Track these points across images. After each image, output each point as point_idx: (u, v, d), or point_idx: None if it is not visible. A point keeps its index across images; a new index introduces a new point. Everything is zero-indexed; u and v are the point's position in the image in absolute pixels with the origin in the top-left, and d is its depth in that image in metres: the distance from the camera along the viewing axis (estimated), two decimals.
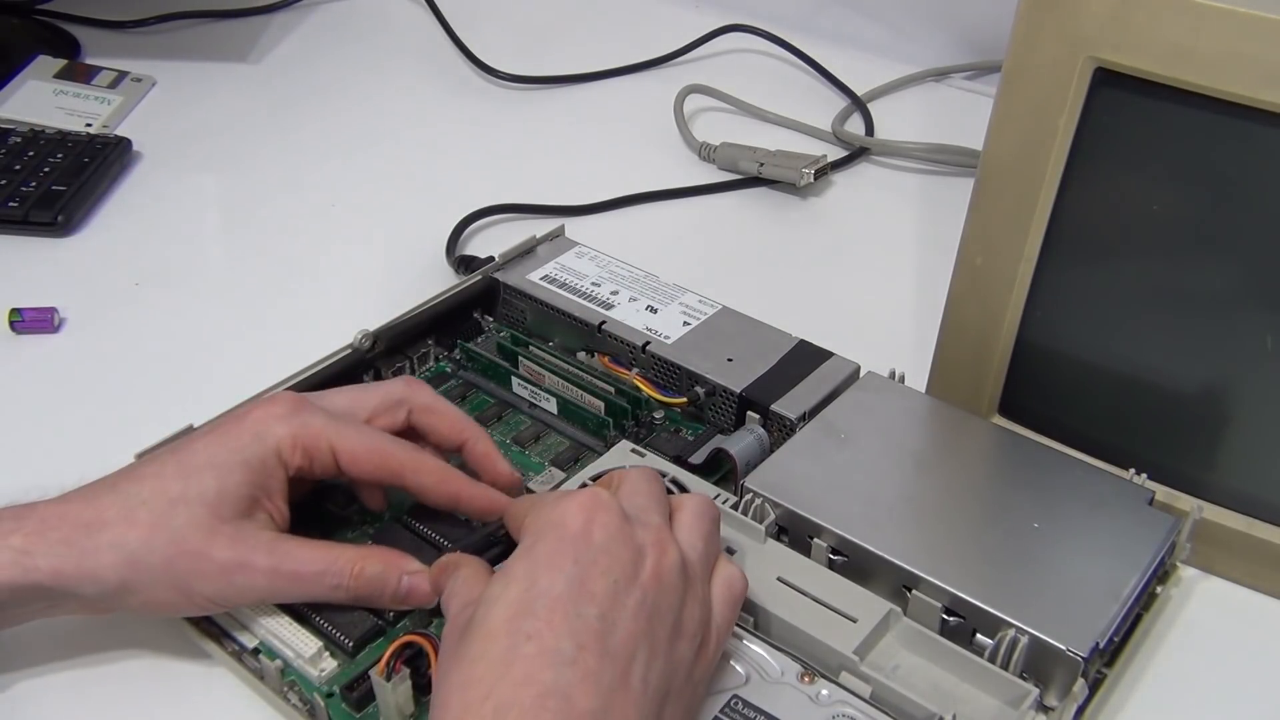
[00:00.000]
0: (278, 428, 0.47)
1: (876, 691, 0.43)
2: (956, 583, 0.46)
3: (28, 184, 0.78)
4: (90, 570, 0.45)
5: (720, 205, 0.82)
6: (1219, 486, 0.52)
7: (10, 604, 0.45)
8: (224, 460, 0.46)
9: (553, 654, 0.38)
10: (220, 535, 0.45)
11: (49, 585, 0.45)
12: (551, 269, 0.67)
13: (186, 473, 0.46)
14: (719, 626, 0.43)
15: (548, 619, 0.38)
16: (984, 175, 0.52)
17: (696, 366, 0.59)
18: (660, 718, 0.39)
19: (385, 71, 0.99)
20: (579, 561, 0.40)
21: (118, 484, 0.47)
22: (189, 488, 0.46)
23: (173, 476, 0.46)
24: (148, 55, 0.99)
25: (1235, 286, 0.49)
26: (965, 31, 0.98)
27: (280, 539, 0.47)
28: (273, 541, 0.47)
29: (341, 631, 0.48)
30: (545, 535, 0.41)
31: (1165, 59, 0.46)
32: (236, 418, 0.48)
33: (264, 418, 0.48)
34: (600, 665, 0.38)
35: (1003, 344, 0.55)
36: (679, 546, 0.42)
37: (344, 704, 0.46)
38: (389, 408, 0.52)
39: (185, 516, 0.45)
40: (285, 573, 0.46)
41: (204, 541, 0.45)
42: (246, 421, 0.48)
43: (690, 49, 1.00)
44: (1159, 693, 0.49)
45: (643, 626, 0.39)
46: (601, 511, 0.41)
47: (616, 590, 0.39)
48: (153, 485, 0.46)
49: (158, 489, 0.46)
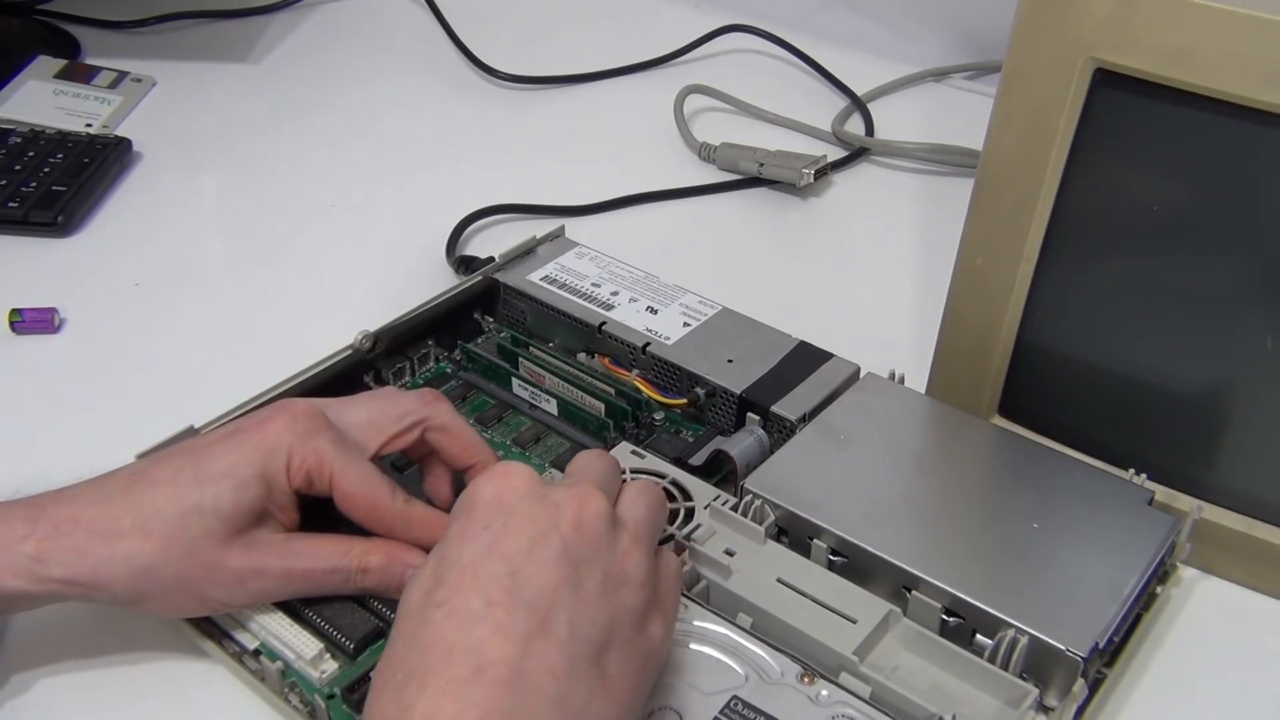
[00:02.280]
0: (291, 444, 0.47)
1: (876, 692, 0.43)
2: (956, 583, 0.46)
3: (28, 184, 0.78)
4: (105, 581, 0.45)
5: (720, 205, 0.82)
6: (1219, 486, 0.52)
7: (20, 605, 0.46)
8: (240, 472, 0.46)
9: (462, 615, 0.37)
10: (234, 546, 0.46)
11: (62, 592, 0.45)
12: (551, 269, 0.67)
13: (201, 481, 0.46)
14: (666, 594, 0.42)
15: (456, 585, 0.38)
16: (984, 175, 0.52)
17: (696, 367, 0.59)
18: (600, 665, 0.38)
19: (385, 71, 0.99)
20: (489, 526, 0.40)
21: (130, 489, 0.46)
22: (204, 498, 0.45)
23: (187, 484, 0.46)
24: (148, 55, 0.99)
25: (1235, 287, 0.49)
26: (965, 31, 0.98)
27: (290, 539, 0.48)
28: (284, 543, 0.47)
29: (342, 633, 0.48)
30: (459, 513, 0.41)
31: (1165, 59, 0.46)
32: (256, 424, 0.48)
33: (281, 432, 0.47)
34: (512, 616, 0.37)
35: (1003, 344, 0.55)
36: (605, 499, 0.41)
37: (345, 706, 0.46)
38: (407, 428, 0.51)
39: (200, 528, 0.45)
40: (298, 572, 0.47)
41: (218, 552, 0.46)
42: (266, 432, 0.47)
43: (690, 49, 1.00)
44: (1159, 693, 0.49)
45: (565, 574, 0.39)
46: (512, 478, 0.41)
47: (532, 545, 0.39)
48: (167, 493, 0.46)
49: (172, 497, 0.45)
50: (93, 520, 0.45)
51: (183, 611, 0.48)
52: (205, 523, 0.45)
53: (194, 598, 0.46)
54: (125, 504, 0.46)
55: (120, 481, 0.47)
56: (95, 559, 0.45)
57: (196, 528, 0.45)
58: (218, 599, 0.46)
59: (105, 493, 0.46)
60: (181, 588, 0.46)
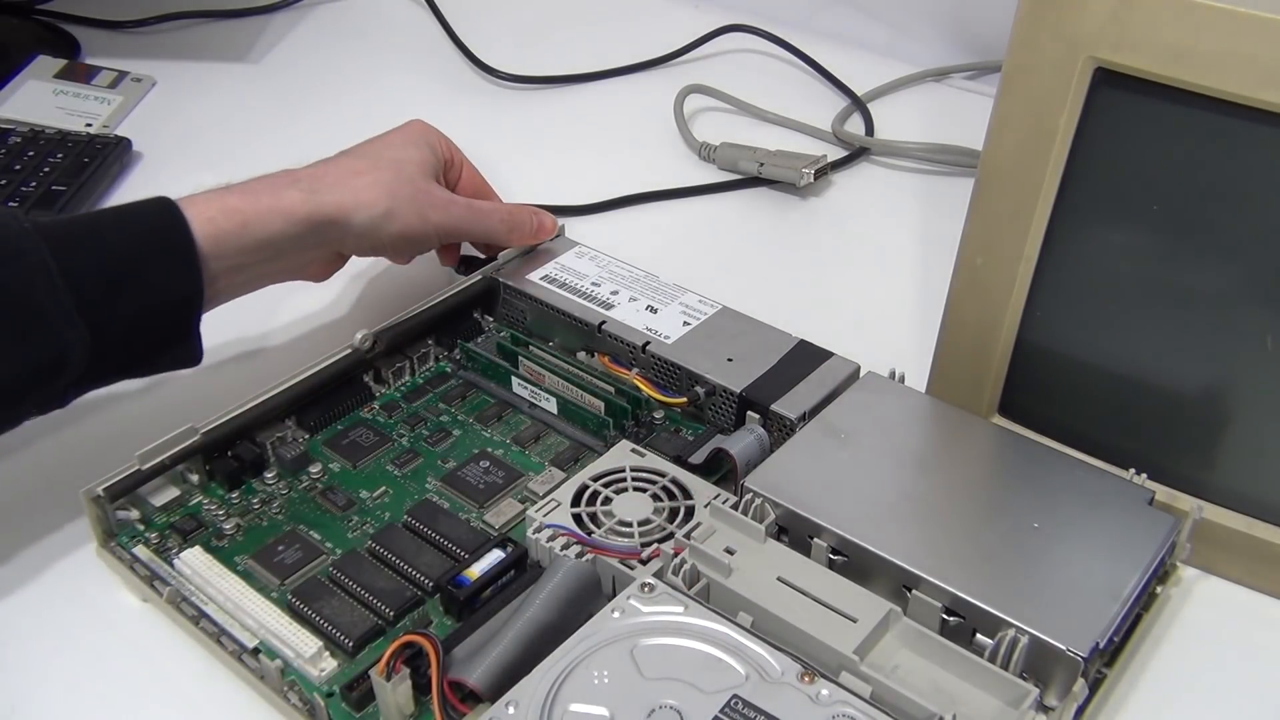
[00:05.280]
0: (430, 132, 0.65)
1: (876, 691, 0.43)
2: (956, 582, 0.46)
3: (28, 184, 0.78)
4: (365, 200, 0.58)
5: (720, 205, 0.82)
6: (1219, 486, 0.52)
7: (295, 241, 0.56)
8: (415, 142, 0.63)
9: None
10: (434, 183, 0.63)
11: (331, 216, 0.57)
12: (551, 269, 0.67)
13: (393, 148, 0.62)
14: None
15: None
16: (984, 175, 0.52)
17: (696, 366, 0.59)
18: None
19: (385, 71, 0.99)
20: None
21: (344, 157, 0.61)
22: (401, 154, 0.62)
23: (385, 149, 0.62)
24: (148, 55, 0.99)
25: (1235, 286, 0.49)
26: (965, 31, 0.98)
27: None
28: (456, 193, 0.65)
29: (341, 631, 0.48)
30: None
31: (1165, 59, 0.46)
32: (399, 130, 0.65)
33: (419, 126, 0.66)
34: None
35: (1003, 344, 0.55)
36: None
37: (344, 704, 0.46)
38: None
39: (411, 168, 0.61)
40: (476, 209, 0.64)
41: (427, 182, 0.62)
42: (410, 128, 0.65)
43: (690, 49, 1.00)
44: (1159, 693, 0.49)
45: None
46: None
47: None
48: (378, 150, 0.62)
49: (382, 153, 0.61)
50: (338, 170, 0.59)
51: (412, 231, 0.60)
52: (412, 165, 0.61)
53: (421, 219, 0.60)
54: (353, 159, 0.61)
55: (330, 160, 0.61)
56: (354, 187, 0.58)
57: (409, 166, 0.61)
58: (433, 221, 0.61)
59: (334, 163, 0.61)
60: (412, 207, 0.60)
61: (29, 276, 0.48)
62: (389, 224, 0.59)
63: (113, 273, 0.50)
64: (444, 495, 0.56)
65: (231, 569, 0.51)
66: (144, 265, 0.51)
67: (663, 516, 0.52)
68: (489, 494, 0.55)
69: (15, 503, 0.56)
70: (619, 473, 0.54)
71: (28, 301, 0.48)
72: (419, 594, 0.50)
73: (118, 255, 0.51)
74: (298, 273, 0.61)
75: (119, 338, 0.51)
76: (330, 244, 0.59)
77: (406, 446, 0.59)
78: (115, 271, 0.50)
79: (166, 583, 0.51)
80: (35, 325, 0.48)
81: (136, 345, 0.52)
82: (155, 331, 0.53)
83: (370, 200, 0.58)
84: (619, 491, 0.53)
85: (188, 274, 0.52)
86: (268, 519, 0.55)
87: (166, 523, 0.54)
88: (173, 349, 0.54)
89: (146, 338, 0.52)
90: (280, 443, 0.58)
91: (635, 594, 0.46)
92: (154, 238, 0.52)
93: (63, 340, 0.49)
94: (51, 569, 0.54)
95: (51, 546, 0.55)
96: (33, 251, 0.49)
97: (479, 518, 0.55)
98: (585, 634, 0.44)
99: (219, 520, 0.54)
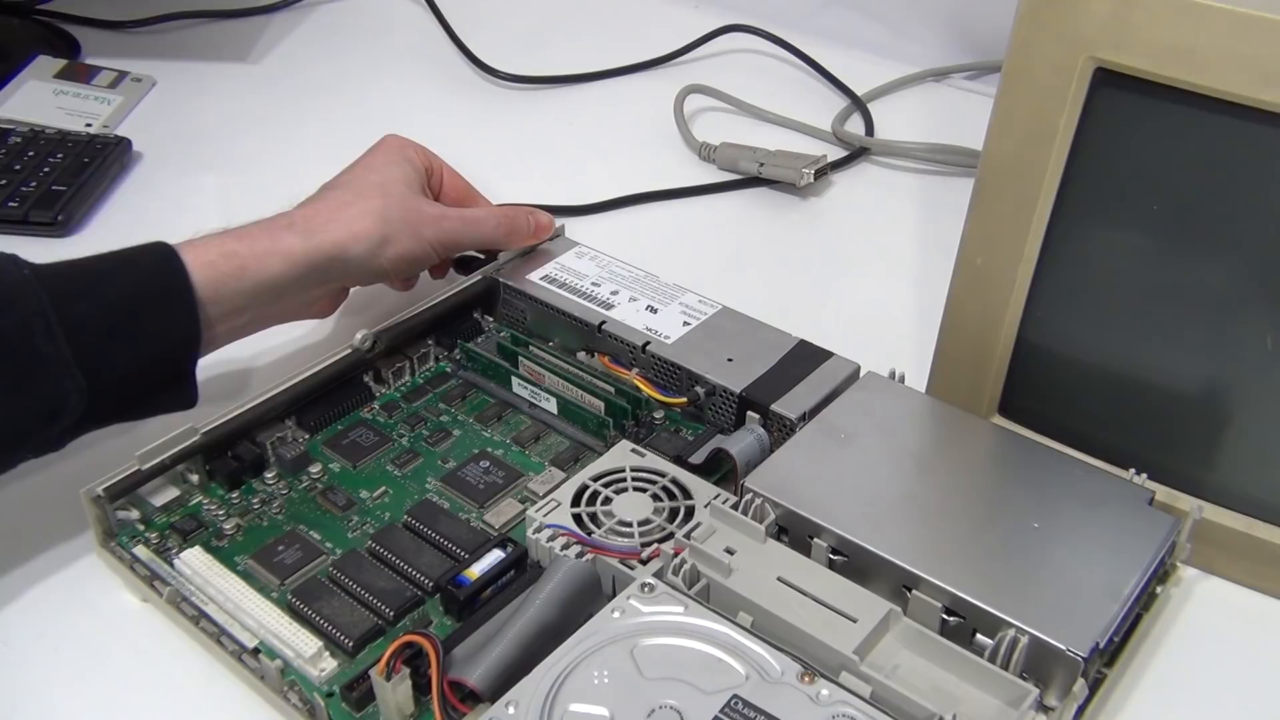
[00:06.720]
0: (407, 145, 0.64)
1: (876, 691, 0.43)
2: (956, 583, 0.46)
3: (28, 184, 0.78)
4: (359, 231, 0.58)
5: (720, 205, 0.82)
6: (1219, 486, 0.52)
7: (296, 281, 0.56)
8: (394, 160, 0.63)
9: None
10: (424, 199, 0.63)
11: (330, 254, 0.57)
12: (551, 269, 0.67)
13: (374, 171, 0.62)
14: None
15: None
16: (984, 175, 0.52)
17: (696, 366, 0.59)
18: None
19: (385, 71, 0.99)
20: None
21: (329, 191, 0.61)
22: (384, 176, 0.61)
23: (368, 173, 0.62)
24: (148, 55, 0.99)
25: (1235, 286, 0.49)
26: (965, 31, 0.98)
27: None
28: (447, 205, 0.65)
29: (341, 631, 0.48)
30: None
31: (1165, 59, 0.46)
32: (375, 151, 0.64)
33: (394, 142, 0.65)
34: None
35: (1003, 344, 0.55)
36: None
37: (344, 704, 0.46)
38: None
39: (397, 188, 0.61)
40: (469, 218, 0.64)
41: (416, 200, 0.61)
42: (386, 145, 0.64)
43: (690, 49, 1.00)
44: (1159, 693, 0.49)
45: None
46: None
47: None
48: (361, 177, 0.61)
49: (365, 179, 0.61)
50: (327, 206, 0.59)
51: (410, 253, 0.60)
52: (398, 185, 0.61)
53: (416, 239, 0.60)
54: (340, 193, 0.60)
55: (314, 196, 0.61)
56: (346, 220, 0.58)
57: (395, 187, 0.61)
58: (428, 238, 0.61)
59: (316, 197, 0.60)
60: (407, 230, 0.59)
61: (27, 325, 0.48)
62: (386, 249, 0.59)
63: (111, 321, 0.50)
64: (444, 495, 0.56)
65: (231, 569, 0.51)
66: (142, 313, 0.51)
67: (663, 516, 0.52)
68: (489, 494, 0.55)
69: (15, 503, 0.56)
70: (619, 473, 0.54)
71: (26, 350, 0.48)
72: (419, 594, 0.50)
73: (116, 303, 0.51)
74: (302, 312, 0.61)
75: (116, 385, 0.51)
76: (333, 280, 0.59)
77: (406, 446, 0.59)
78: (114, 320, 0.50)
79: (166, 583, 0.51)
80: (32, 374, 0.48)
81: (133, 391, 0.52)
82: (152, 377, 0.53)
83: (364, 230, 0.58)
84: (619, 491, 0.53)
85: (186, 320, 0.52)
86: (268, 519, 0.55)
87: (166, 523, 0.54)
88: (169, 393, 0.54)
89: (143, 384, 0.52)
90: (280, 443, 0.58)
91: (635, 594, 0.46)
92: (152, 284, 0.52)
93: (60, 389, 0.49)
94: (51, 569, 0.54)
95: (51, 546, 0.55)
96: (32, 299, 0.48)
97: (479, 518, 0.55)
98: (585, 634, 0.44)
99: (219, 520, 0.54)
